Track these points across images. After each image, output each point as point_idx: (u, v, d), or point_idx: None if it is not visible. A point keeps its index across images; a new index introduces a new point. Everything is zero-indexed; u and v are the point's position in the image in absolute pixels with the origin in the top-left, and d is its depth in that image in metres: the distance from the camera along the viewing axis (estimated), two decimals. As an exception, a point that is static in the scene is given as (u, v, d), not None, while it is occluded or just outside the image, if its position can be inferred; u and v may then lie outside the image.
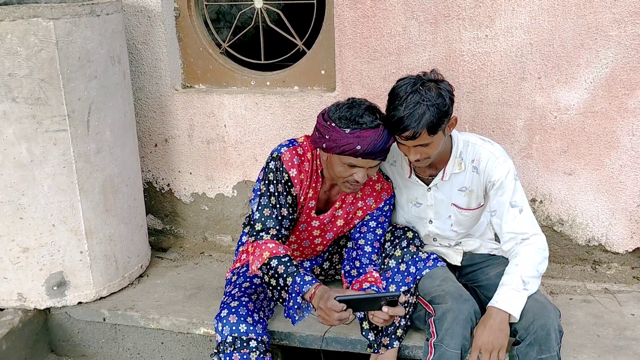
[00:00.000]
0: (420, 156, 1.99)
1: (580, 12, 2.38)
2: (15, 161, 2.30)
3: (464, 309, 2.03)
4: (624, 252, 2.66)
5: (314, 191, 2.19)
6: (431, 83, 1.95)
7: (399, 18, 2.54)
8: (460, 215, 2.23)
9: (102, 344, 2.60)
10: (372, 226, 2.26)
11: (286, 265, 2.00)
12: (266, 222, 2.11)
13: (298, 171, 2.13)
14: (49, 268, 2.47)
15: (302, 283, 1.95)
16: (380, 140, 1.95)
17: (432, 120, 1.89)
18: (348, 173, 2.01)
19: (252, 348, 2.04)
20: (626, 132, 2.49)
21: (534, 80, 2.50)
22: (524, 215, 2.10)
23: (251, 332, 2.06)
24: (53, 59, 2.25)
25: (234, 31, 3.12)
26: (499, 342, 1.96)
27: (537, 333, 1.94)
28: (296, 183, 2.13)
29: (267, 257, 2.03)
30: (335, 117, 1.98)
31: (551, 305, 2.01)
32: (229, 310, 2.08)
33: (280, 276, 1.99)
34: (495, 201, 2.13)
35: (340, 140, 1.95)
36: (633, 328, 2.26)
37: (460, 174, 2.15)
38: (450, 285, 2.12)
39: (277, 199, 2.12)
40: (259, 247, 2.07)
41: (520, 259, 2.06)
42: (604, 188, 2.58)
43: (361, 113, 1.95)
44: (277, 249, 2.05)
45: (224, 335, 2.05)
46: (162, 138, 3.02)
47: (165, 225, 3.20)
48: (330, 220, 2.27)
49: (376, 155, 1.97)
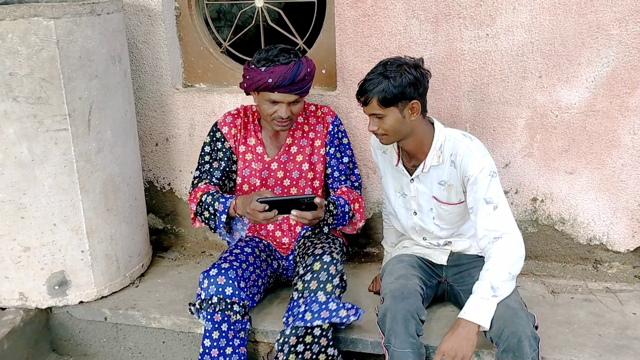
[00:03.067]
0: (378, 129, 2.10)
1: (581, 11, 2.38)
2: (16, 160, 2.30)
3: (400, 307, 2.03)
4: (626, 251, 2.65)
5: (256, 138, 2.46)
6: (403, 64, 2.05)
7: (400, 17, 2.54)
8: (440, 209, 2.24)
9: (103, 343, 2.61)
10: (331, 152, 2.48)
11: (212, 195, 2.30)
12: (202, 175, 2.45)
13: (229, 127, 2.46)
14: (50, 267, 2.47)
15: (223, 201, 2.25)
16: (290, 73, 2.19)
17: (384, 92, 2.02)
18: (272, 110, 2.27)
19: (234, 311, 2.20)
20: (627, 131, 2.48)
21: (535, 79, 2.50)
22: (499, 212, 2.08)
23: (236, 295, 2.21)
24: (54, 58, 2.25)
25: (235, 30, 3.12)
26: (463, 351, 1.94)
27: (508, 340, 1.92)
28: (228, 137, 2.45)
29: (200, 196, 2.33)
30: (255, 59, 2.26)
31: (523, 311, 1.99)
32: (219, 271, 2.23)
33: (210, 205, 2.28)
34: (471, 197, 2.13)
35: (255, 77, 2.22)
36: (634, 327, 2.26)
37: (439, 167, 2.18)
38: (397, 283, 2.15)
39: (210, 156, 2.46)
40: (194, 192, 2.38)
41: (491, 263, 2.04)
42: (605, 187, 2.58)
43: (275, 53, 2.24)
44: (208, 188, 2.36)
45: (210, 294, 2.20)
46: (163, 137, 3.02)
47: (166, 225, 3.20)
48: (288, 158, 2.47)
49: (288, 87, 2.21)
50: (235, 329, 2.22)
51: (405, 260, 2.32)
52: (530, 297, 2.46)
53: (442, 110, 2.61)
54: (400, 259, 2.33)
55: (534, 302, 2.42)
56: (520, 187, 2.66)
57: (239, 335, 2.23)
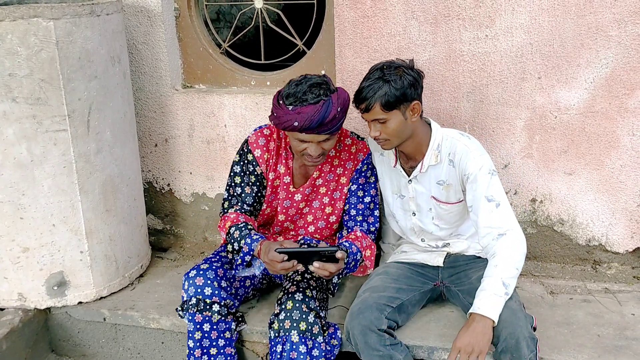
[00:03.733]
0: (380, 134, 2.07)
1: (580, 12, 2.38)
2: (15, 161, 2.30)
3: (355, 324, 2.06)
4: (624, 252, 2.66)
5: (286, 167, 2.34)
6: (399, 67, 2.05)
7: (399, 18, 2.54)
8: (440, 208, 2.24)
9: (102, 343, 2.61)
10: (353, 190, 2.35)
11: (241, 230, 2.18)
12: (232, 199, 2.34)
13: (262, 151, 2.31)
14: (49, 268, 2.47)
15: (250, 242, 2.12)
16: (317, 115, 2.02)
17: (386, 96, 2.00)
18: (301, 147, 2.14)
19: (214, 311, 2.19)
20: (626, 132, 2.49)
21: (534, 80, 2.50)
22: (501, 209, 2.09)
23: (216, 295, 2.20)
24: (53, 59, 2.25)
25: (234, 31, 3.12)
26: (480, 346, 1.93)
27: (506, 341, 1.93)
28: (261, 162, 2.31)
29: (228, 227, 2.23)
30: (284, 95, 2.10)
31: (522, 312, 2.00)
32: (197, 272, 2.23)
33: (236, 240, 2.17)
34: (470, 196, 2.14)
35: (282, 117, 2.08)
36: (633, 328, 2.26)
37: (437, 166, 2.18)
38: (360, 298, 2.16)
39: (241, 178, 2.32)
40: (224, 220, 2.29)
41: (499, 259, 2.05)
42: (604, 188, 2.58)
43: (304, 90, 2.06)
44: (238, 219, 2.25)
45: (189, 295, 2.20)
46: (162, 138, 3.02)
47: (166, 225, 3.20)
48: (311, 190, 2.36)
49: (316, 129, 2.05)
50: (219, 329, 2.21)
51: (390, 272, 2.29)
52: (529, 298, 2.46)
53: (441, 111, 2.62)
54: (386, 270, 2.32)
55: (532, 303, 2.42)
56: (519, 188, 2.66)
57: (223, 335, 2.22)
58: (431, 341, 2.18)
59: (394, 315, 2.13)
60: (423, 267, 2.34)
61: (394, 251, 2.50)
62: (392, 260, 2.41)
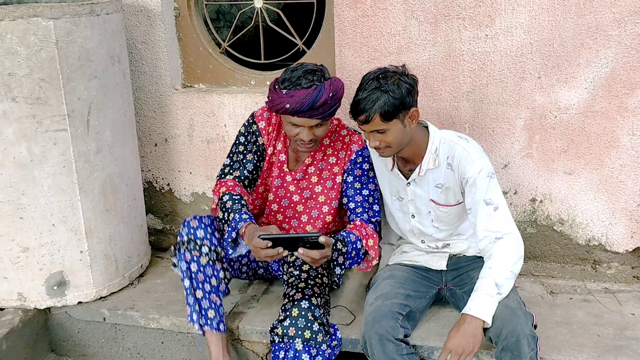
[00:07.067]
0: (380, 144, 2.07)
1: (580, 12, 2.38)
2: (15, 161, 2.30)
3: (373, 333, 2.02)
4: (624, 251, 2.66)
5: (284, 145, 2.37)
6: (395, 75, 2.02)
7: (399, 18, 2.54)
8: (439, 211, 2.24)
9: (102, 343, 2.61)
10: (349, 182, 2.33)
11: (234, 201, 2.18)
12: (233, 165, 2.36)
13: (266, 123, 2.36)
14: (49, 268, 2.47)
15: (238, 219, 2.11)
16: (309, 98, 2.07)
17: (385, 106, 1.98)
18: (294, 132, 2.17)
19: (203, 252, 2.22)
20: (626, 132, 2.49)
21: (534, 80, 2.50)
22: (499, 213, 2.09)
23: (207, 239, 2.23)
24: (53, 58, 2.25)
25: (234, 31, 3.12)
26: (470, 347, 1.95)
27: (507, 339, 1.93)
28: (264, 134, 2.36)
29: (223, 192, 2.23)
30: (281, 79, 2.15)
31: (522, 310, 2.00)
32: (195, 217, 2.27)
33: (227, 210, 2.16)
34: (469, 199, 2.13)
35: (276, 100, 2.12)
36: (633, 328, 2.26)
37: (435, 170, 2.18)
38: (374, 305, 2.12)
39: (244, 147, 2.37)
40: (220, 184, 2.30)
41: (494, 261, 2.05)
42: (604, 187, 2.58)
43: (299, 75, 2.11)
44: (234, 188, 2.25)
45: (182, 235, 2.24)
46: (162, 138, 3.02)
47: (165, 225, 3.20)
48: (303, 176, 2.37)
49: (307, 112, 2.09)
50: (206, 273, 2.22)
51: (396, 275, 2.28)
52: (529, 298, 2.46)
53: (441, 111, 2.62)
54: (392, 274, 2.30)
55: (532, 303, 2.42)
56: (519, 187, 2.66)
57: (210, 281, 2.23)
58: (431, 341, 2.18)
59: (405, 323, 2.12)
60: (427, 271, 2.33)
61: (394, 251, 2.50)
62: (395, 262, 2.40)
